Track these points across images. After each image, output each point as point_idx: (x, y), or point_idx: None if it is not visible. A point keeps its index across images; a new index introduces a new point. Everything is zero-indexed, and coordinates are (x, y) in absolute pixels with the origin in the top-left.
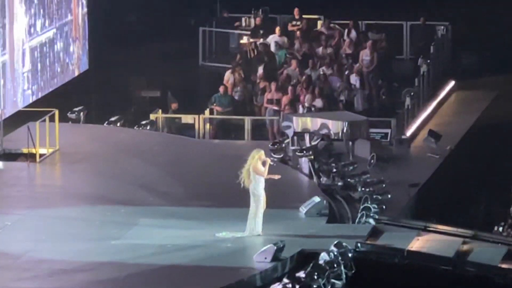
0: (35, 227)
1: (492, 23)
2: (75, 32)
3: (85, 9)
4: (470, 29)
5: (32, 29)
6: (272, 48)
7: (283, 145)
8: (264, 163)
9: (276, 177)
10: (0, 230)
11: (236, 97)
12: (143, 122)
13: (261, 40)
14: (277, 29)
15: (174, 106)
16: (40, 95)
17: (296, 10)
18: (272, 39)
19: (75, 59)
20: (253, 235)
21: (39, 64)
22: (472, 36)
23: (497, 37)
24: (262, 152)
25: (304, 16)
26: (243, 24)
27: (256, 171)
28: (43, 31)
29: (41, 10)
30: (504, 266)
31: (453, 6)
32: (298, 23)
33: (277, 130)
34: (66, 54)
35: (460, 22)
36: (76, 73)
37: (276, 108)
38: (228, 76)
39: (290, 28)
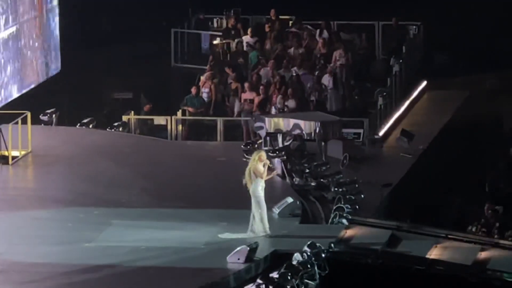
0: (7, 229)
1: (463, 23)
2: (38, 30)
3: (50, 5)
4: (442, 29)
5: None
6: (244, 49)
7: (256, 145)
8: (263, 165)
9: (274, 173)
10: None
11: (205, 98)
12: (116, 124)
13: (235, 41)
14: (249, 30)
15: (146, 107)
16: (3, 93)
17: (272, 11)
18: (244, 40)
19: (37, 58)
20: (261, 236)
21: (2, 60)
22: (444, 36)
23: (468, 37)
24: (263, 153)
25: (279, 17)
26: (215, 25)
27: (256, 172)
28: (6, 27)
29: (4, 6)
30: (477, 265)
31: (425, 6)
32: (275, 24)
33: (251, 130)
34: (31, 51)
35: (432, 22)
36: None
37: (249, 108)
38: (205, 76)
39: (267, 29)
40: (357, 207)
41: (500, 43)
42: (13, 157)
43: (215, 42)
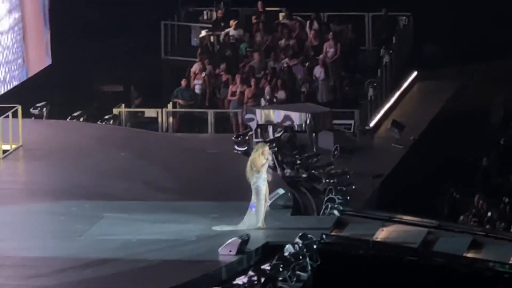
0: None
1: (453, 14)
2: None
3: None
4: (432, 19)
5: None
6: (231, 41)
7: (247, 137)
8: (266, 159)
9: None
10: None
11: (197, 90)
12: (106, 117)
13: (222, 33)
14: (231, 22)
15: (137, 100)
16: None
17: (259, 4)
18: (230, 33)
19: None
20: (253, 228)
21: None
22: (434, 26)
23: (459, 27)
24: (267, 148)
25: (266, 8)
26: (205, 17)
27: (254, 164)
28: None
29: None
30: (469, 255)
31: None
32: (262, 16)
33: (241, 122)
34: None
35: (422, 12)
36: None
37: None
38: (195, 68)
39: (254, 21)
40: (348, 198)
41: (490, 34)
42: (4, 151)
43: (201, 35)
